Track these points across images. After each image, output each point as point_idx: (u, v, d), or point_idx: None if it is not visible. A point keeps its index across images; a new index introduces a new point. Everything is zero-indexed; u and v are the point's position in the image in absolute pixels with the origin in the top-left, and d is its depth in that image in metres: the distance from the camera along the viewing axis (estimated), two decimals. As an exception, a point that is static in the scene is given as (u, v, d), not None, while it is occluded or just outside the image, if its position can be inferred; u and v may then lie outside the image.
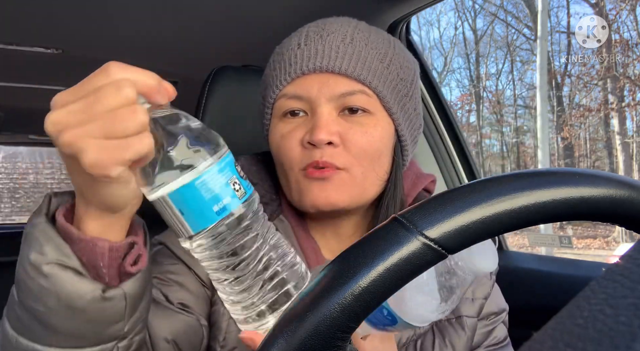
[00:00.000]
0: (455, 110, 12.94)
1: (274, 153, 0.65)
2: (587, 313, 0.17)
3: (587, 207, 0.32)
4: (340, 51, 0.62)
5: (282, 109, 0.63)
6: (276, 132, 0.64)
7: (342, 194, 0.61)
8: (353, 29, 0.64)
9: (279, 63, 0.65)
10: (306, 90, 0.61)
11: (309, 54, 0.62)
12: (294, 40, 0.65)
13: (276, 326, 0.30)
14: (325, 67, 0.61)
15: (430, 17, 13.86)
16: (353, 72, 0.61)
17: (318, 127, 0.59)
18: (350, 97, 0.61)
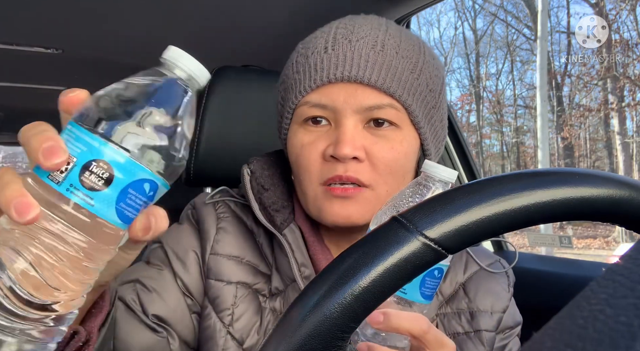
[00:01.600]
0: (455, 110, 12.94)
1: (293, 161, 0.62)
2: (587, 313, 0.17)
3: (587, 207, 0.32)
4: (370, 60, 0.57)
5: (304, 116, 0.59)
6: (296, 139, 0.60)
7: (365, 213, 0.58)
8: (384, 34, 0.60)
9: (303, 66, 0.60)
10: (331, 100, 0.58)
11: (336, 60, 0.58)
12: (319, 41, 0.61)
13: (276, 326, 0.30)
14: (354, 77, 0.57)
15: (430, 17, 13.87)
16: (383, 84, 0.57)
17: (343, 141, 0.55)
18: (378, 110, 0.57)
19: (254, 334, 0.60)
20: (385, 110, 0.58)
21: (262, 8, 1.16)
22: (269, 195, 0.64)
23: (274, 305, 0.62)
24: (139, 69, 0.39)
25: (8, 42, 1.36)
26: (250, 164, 0.66)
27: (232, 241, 0.64)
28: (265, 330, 0.60)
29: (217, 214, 0.66)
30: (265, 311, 0.61)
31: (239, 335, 0.60)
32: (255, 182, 0.64)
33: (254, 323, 0.60)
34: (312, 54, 0.60)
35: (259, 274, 0.63)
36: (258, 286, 0.63)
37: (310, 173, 0.59)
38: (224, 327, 0.60)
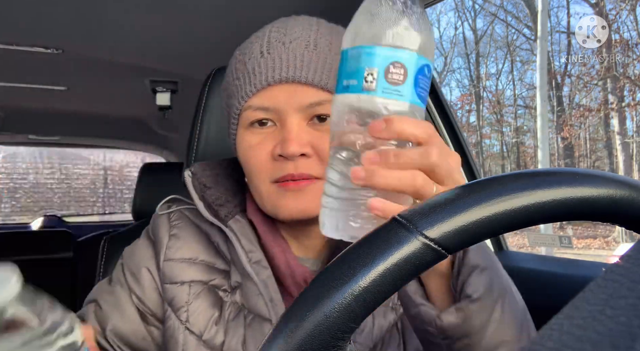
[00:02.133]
0: (455, 110, 12.95)
1: (243, 163, 0.64)
2: (587, 314, 0.17)
3: (587, 207, 0.32)
4: (305, 59, 0.60)
5: (249, 120, 0.62)
6: (244, 142, 0.63)
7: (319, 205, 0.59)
8: (315, 33, 0.62)
9: (242, 72, 0.63)
10: (273, 102, 0.60)
11: (272, 63, 0.60)
12: (255, 46, 0.63)
13: (276, 326, 0.30)
14: (292, 77, 0.59)
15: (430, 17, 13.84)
16: (320, 81, 0.60)
17: (289, 140, 0.58)
18: (318, 106, 0.60)
19: (212, 325, 0.63)
20: (326, 105, 0.60)
21: (261, 8, 1.16)
22: (212, 192, 0.68)
23: (235, 299, 0.65)
24: (139, 69, 0.39)
25: (8, 42, 1.36)
26: (191, 167, 0.70)
27: (184, 245, 0.68)
28: (227, 322, 0.64)
29: (170, 223, 0.70)
30: (226, 304, 0.65)
31: (196, 328, 0.63)
32: (197, 181, 0.69)
33: (211, 316, 0.64)
34: (249, 60, 0.62)
35: (215, 271, 0.67)
36: (216, 282, 0.66)
37: (261, 173, 0.61)
38: (182, 324, 0.64)
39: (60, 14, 1.19)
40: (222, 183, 0.70)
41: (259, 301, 0.62)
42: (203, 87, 0.97)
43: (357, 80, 0.39)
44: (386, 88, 0.38)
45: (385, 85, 0.38)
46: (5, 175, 5.42)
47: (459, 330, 0.44)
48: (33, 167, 5.54)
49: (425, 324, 0.45)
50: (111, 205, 5.84)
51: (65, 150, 5.26)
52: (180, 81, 1.75)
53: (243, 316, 0.64)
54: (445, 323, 0.44)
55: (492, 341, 0.45)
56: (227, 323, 0.63)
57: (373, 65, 0.38)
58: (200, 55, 1.45)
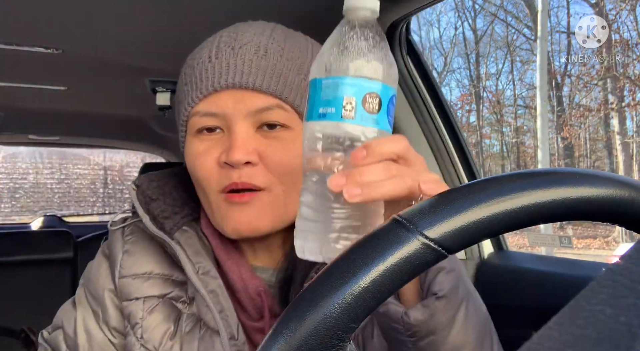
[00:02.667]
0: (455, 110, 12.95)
1: (190, 171, 0.62)
2: (587, 314, 0.17)
3: (587, 207, 0.32)
4: (253, 65, 0.58)
5: (196, 126, 0.60)
6: (191, 149, 0.61)
7: (264, 218, 0.59)
8: (267, 39, 0.61)
9: (190, 77, 0.61)
10: (220, 107, 0.58)
11: (220, 68, 0.58)
12: (204, 51, 0.61)
13: (276, 326, 0.30)
14: (239, 83, 0.57)
15: (430, 17, 13.86)
16: (268, 87, 0.58)
17: (235, 147, 0.56)
18: (267, 112, 0.58)
19: (167, 341, 0.62)
20: (274, 111, 0.58)
21: (261, 8, 1.16)
22: (157, 204, 0.66)
23: (193, 310, 0.64)
24: (139, 69, 0.39)
25: (8, 42, 1.36)
26: (136, 180, 0.68)
27: (138, 260, 0.66)
28: (182, 336, 0.62)
29: (124, 238, 0.68)
30: (183, 317, 0.63)
31: (151, 345, 0.62)
32: (142, 194, 0.66)
33: (166, 330, 0.62)
34: (197, 65, 0.61)
35: (172, 283, 0.65)
36: (173, 294, 0.65)
37: (208, 181, 0.60)
38: (137, 341, 0.62)
39: (60, 14, 1.19)
40: (169, 193, 0.68)
41: (207, 313, 0.61)
42: (203, 87, 0.97)
43: (335, 108, 0.41)
44: (364, 116, 0.41)
45: (363, 114, 0.41)
46: (5, 175, 5.42)
47: (424, 326, 0.46)
48: (33, 167, 5.54)
49: (392, 321, 0.47)
50: (111, 205, 5.85)
51: (65, 150, 5.27)
52: (180, 81, 1.75)
53: (198, 329, 0.62)
54: (412, 319, 0.46)
55: (456, 341, 0.47)
56: (182, 337, 0.62)
57: (351, 94, 0.41)
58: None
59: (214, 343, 0.60)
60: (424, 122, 1.30)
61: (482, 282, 1.22)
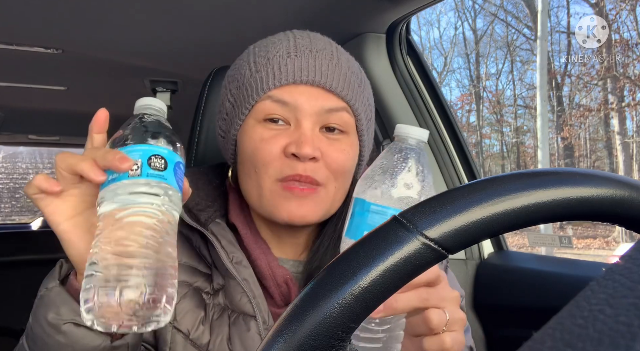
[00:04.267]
0: (455, 110, 12.95)
1: (248, 155, 0.64)
2: (587, 313, 0.17)
3: (587, 207, 0.32)
4: (330, 69, 0.64)
5: (264, 112, 0.63)
6: (254, 134, 0.63)
7: (319, 211, 0.64)
8: (336, 50, 0.67)
9: (265, 67, 0.64)
10: (294, 99, 0.62)
11: (300, 65, 0.63)
12: (280, 47, 0.65)
13: (276, 326, 0.30)
14: (318, 81, 0.63)
15: (430, 17, 13.87)
16: (341, 91, 0.64)
17: (305, 141, 0.60)
18: (334, 113, 0.63)
19: (199, 325, 0.65)
20: (340, 114, 0.64)
21: (261, 8, 1.16)
22: (192, 197, 0.68)
23: (218, 300, 0.66)
24: (139, 69, 0.39)
25: (8, 42, 1.36)
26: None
27: None
28: (211, 322, 0.65)
29: None
30: (209, 306, 0.66)
31: (184, 327, 0.64)
32: None
33: (197, 316, 0.65)
34: (274, 57, 0.64)
35: (198, 273, 0.68)
36: (199, 284, 0.67)
37: (267, 167, 0.62)
38: (170, 323, 0.64)
39: (60, 14, 1.19)
40: (202, 188, 0.71)
41: (243, 298, 0.64)
42: (203, 87, 0.97)
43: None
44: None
45: None
46: (5, 175, 5.42)
47: None
48: (33, 167, 5.54)
49: None
50: (111, 205, 5.84)
51: (65, 150, 5.26)
52: (180, 81, 1.75)
53: (227, 316, 0.65)
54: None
55: None
56: (211, 323, 0.65)
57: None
58: (200, 55, 1.45)
59: (249, 326, 0.63)
60: (424, 122, 1.30)
61: (482, 282, 1.22)
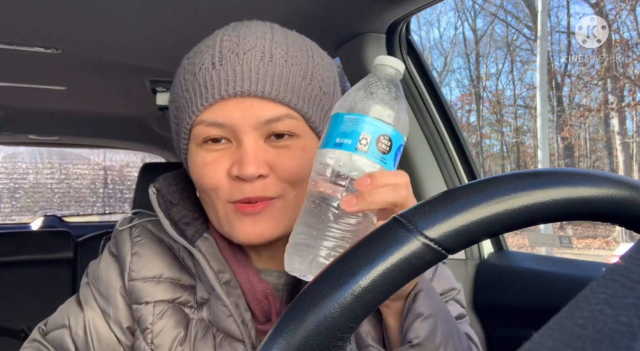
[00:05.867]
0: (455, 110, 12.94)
1: (196, 181, 0.61)
2: (587, 313, 0.17)
3: (587, 207, 0.32)
4: (260, 72, 0.56)
5: (202, 136, 0.58)
6: (197, 159, 0.59)
7: (277, 226, 0.58)
8: (270, 43, 0.59)
9: (192, 84, 0.59)
10: (227, 117, 0.56)
11: (226, 76, 0.56)
12: (206, 56, 0.59)
13: (276, 326, 0.30)
14: (247, 91, 0.55)
15: (430, 17, 13.87)
16: (277, 95, 0.56)
17: (245, 161, 0.55)
18: (276, 122, 0.57)
19: (177, 346, 0.61)
20: (284, 121, 0.57)
21: (261, 8, 1.16)
22: (178, 209, 0.65)
23: (202, 315, 0.63)
24: (139, 69, 0.39)
25: (8, 42, 1.36)
26: (156, 182, 0.66)
27: (147, 263, 0.65)
28: (193, 340, 0.61)
29: (132, 239, 0.67)
30: (192, 322, 0.63)
31: (161, 349, 0.61)
32: (162, 199, 0.65)
33: (177, 335, 0.61)
34: (200, 71, 0.58)
35: (180, 288, 0.65)
36: (182, 299, 0.64)
37: (217, 192, 0.58)
38: (147, 345, 0.61)
39: (60, 14, 1.19)
40: (188, 198, 0.67)
41: (231, 323, 0.60)
42: (203, 87, 0.97)
43: (351, 140, 0.46)
44: (375, 153, 0.46)
45: (375, 151, 0.46)
46: (5, 175, 5.42)
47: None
48: (33, 167, 5.54)
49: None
50: (111, 205, 5.84)
51: (65, 150, 5.27)
52: (180, 81, 1.75)
53: (212, 335, 0.62)
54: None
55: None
56: (194, 342, 0.61)
57: (368, 132, 0.46)
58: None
59: (237, 349, 0.60)
60: (424, 122, 1.30)
61: (482, 282, 1.22)
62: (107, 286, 0.66)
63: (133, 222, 0.69)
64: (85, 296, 0.68)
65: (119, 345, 0.65)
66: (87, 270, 0.71)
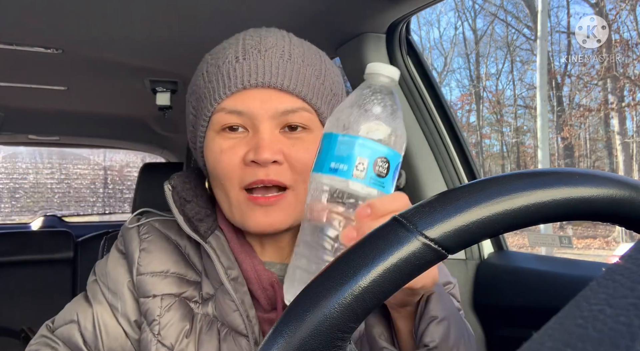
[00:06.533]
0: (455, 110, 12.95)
1: (211, 168, 0.63)
2: (587, 313, 0.17)
3: (587, 207, 0.32)
4: (280, 68, 0.61)
5: (221, 123, 0.62)
6: (214, 146, 0.62)
7: (288, 217, 0.61)
8: (289, 45, 0.64)
9: (215, 75, 0.63)
10: (247, 106, 0.60)
11: (249, 68, 0.61)
12: (229, 52, 0.64)
13: (276, 326, 0.30)
14: (268, 82, 0.60)
15: (430, 17, 13.87)
16: (295, 88, 0.61)
17: (262, 146, 0.58)
18: (292, 114, 0.61)
19: (183, 338, 0.64)
20: (299, 113, 0.61)
21: (261, 8, 1.16)
22: (192, 206, 0.67)
23: (207, 310, 0.65)
24: (139, 69, 0.39)
25: (8, 42, 1.36)
26: (171, 180, 0.69)
27: (155, 259, 0.68)
28: (198, 334, 0.64)
29: (140, 237, 0.70)
30: (197, 316, 0.65)
31: (168, 341, 0.63)
32: (177, 195, 0.68)
33: (182, 328, 0.64)
34: (224, 64, 0.63)
35: (187, 283, 0.67)
36: (187, 294, 0.66)
37: (231, 178, 0.61)
38: (154, 337, 0.64)
39: (60, 14, 1.19)
40: (201, 195, 0.69)
41: (236, 317, 0.62)
42: (203, 87, 0.97)
43: (347, 166, 0.44)
44: (373, 178, 0.44)
45: (373, 176, 0.44)
46: (5, 175, 5.42)
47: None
48: (33, 167, 5.54)
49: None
50: (111, 205, 5.85)
51: (65, 150, 5.27)
52: (180, 81, 1.75)
53: (217, 329, 0.64)
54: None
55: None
56: (199, 336, 0.63)
57: (364, 156, 0.44)
58: (200, 55, 1.45)
59: (240, 343, 0.62)
60: (424, 122, 1.30)
61: (482, 282, 1.22)
62: (115, 282, 0.69)
63: (141, 221, 0.72)
64: (94, 292, 0.71)
65: (127, 338, 0.67)
66: (93, 269, 0.73)
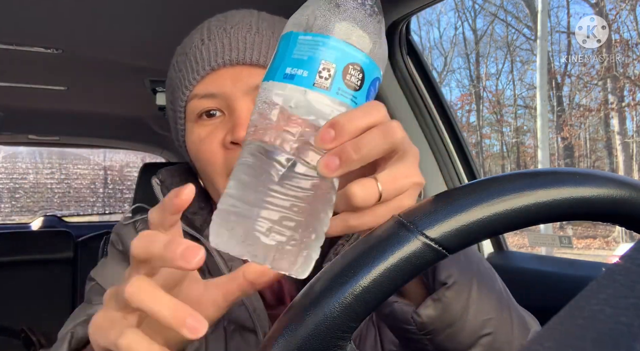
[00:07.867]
0: (455, 110, 12.94)
1: (194, 158, 0.61)
2: (587, 313, 0.17)
3: (587, 207, 0.32)
4: (248, 42, 0.58)
5: (196, 111, 0.59)
6: (193, 136, 0.60)
7: None
8: (257, 19, 0.61)
9: (184, 63, 0.61)
10: (219, 87, 0.57)
11: (214, 48, 0.58)
12: (195, 37, 0.61)
13: (276, 325, 0.30)
14: (235, 59, 0.57)
15: (430, 17, 13.85)
16: (265, 61, 0.57)
17: (239, 125, 0.55)
18: None
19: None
20: None
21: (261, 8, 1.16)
22: None
23: None
24: (139, 69, 0.39)
25: (8, 42, 1.36)
26: (158, 174, 0.67)
27: None
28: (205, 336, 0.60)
29: (138, 232, 0.66)
30: None
31: None
32: (167, 189, 0.65)
33: None
34: (190, 49, 0.60)
35: None
36: None
37: (214, 165, 0.58)
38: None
39: (60, 14, 1.19)
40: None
41: (243, 312, 0.59)
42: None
43: (307, 71, 0.33)
44: (341, 90, 0.33)
45: (341, 87, 0.33)
46: (5, 175, 5.42)
47: (440, 322, 0.40)
48: (33, 167, 5.54)
49: (401, 322, 0.41)
50: (111, 205, 5.85)
51: (65, 150, 5.27)
52: (180, 81, 1.75)
53: (223, 328, 0.60)
54: (425, 317, 0.40)
55: (476, 323, 0.41)
56: (205, 337, 0.60)
57: (331, 60, 0.33)
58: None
59: (249, 341, 0.59)
60: (424, 122, 1.30)
61: (482, 282, 1.22)
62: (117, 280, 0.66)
63: (135, 217, 0.69)
64: (94, 294, 0.67)
65: None
66: (89, 276, 0.69)
